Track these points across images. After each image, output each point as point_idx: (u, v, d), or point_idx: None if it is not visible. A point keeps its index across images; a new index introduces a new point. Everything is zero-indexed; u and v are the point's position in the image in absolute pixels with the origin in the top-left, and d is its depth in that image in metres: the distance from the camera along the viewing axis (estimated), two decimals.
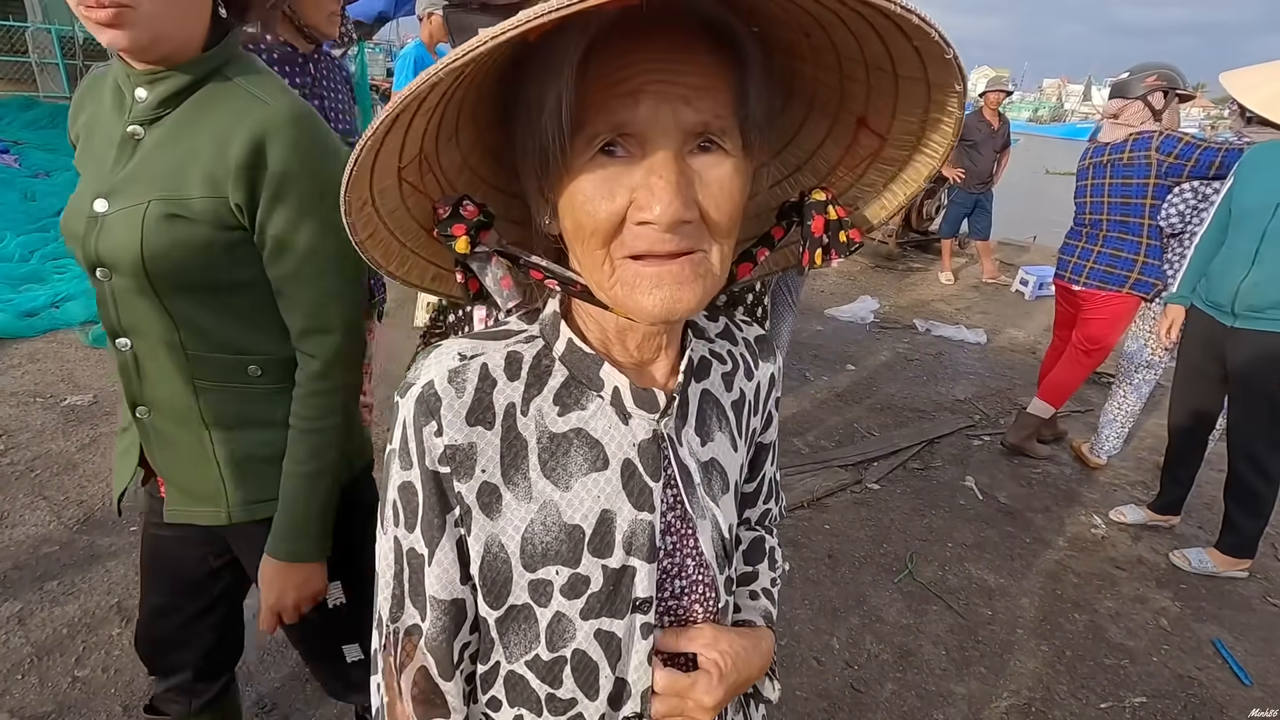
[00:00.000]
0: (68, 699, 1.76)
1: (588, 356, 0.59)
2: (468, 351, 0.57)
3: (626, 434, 0.59)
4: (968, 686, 2.06)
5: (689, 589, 0.64)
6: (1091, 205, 3.09)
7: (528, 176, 0.53)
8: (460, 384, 0.55)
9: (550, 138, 0.47)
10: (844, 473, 3.14)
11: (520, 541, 0.57)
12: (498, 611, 0.59)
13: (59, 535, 2.31)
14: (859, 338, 4.88)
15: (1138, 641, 2.29)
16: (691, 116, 0.47)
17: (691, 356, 0.63)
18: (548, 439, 0.58)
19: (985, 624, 2.31)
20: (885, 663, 2.12)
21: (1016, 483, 3.21)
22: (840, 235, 0.58)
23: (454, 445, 0.55)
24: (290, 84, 1.68)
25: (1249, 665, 2.22)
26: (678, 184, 0.46)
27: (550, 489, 0.57)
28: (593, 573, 0.58)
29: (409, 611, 0.58)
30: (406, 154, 0.49)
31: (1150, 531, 2.89)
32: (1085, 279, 3.10)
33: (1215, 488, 3.28)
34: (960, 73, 0.47)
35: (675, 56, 0.46)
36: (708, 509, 0.64)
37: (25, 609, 2.00)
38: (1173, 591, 2.55)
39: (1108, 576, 2.61)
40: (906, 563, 2.57)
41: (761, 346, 0.73)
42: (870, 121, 0.57)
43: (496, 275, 0.56)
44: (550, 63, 0.46)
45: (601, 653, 0.60)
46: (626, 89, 0.46)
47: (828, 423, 3.62)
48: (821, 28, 0.49)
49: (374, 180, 0.49)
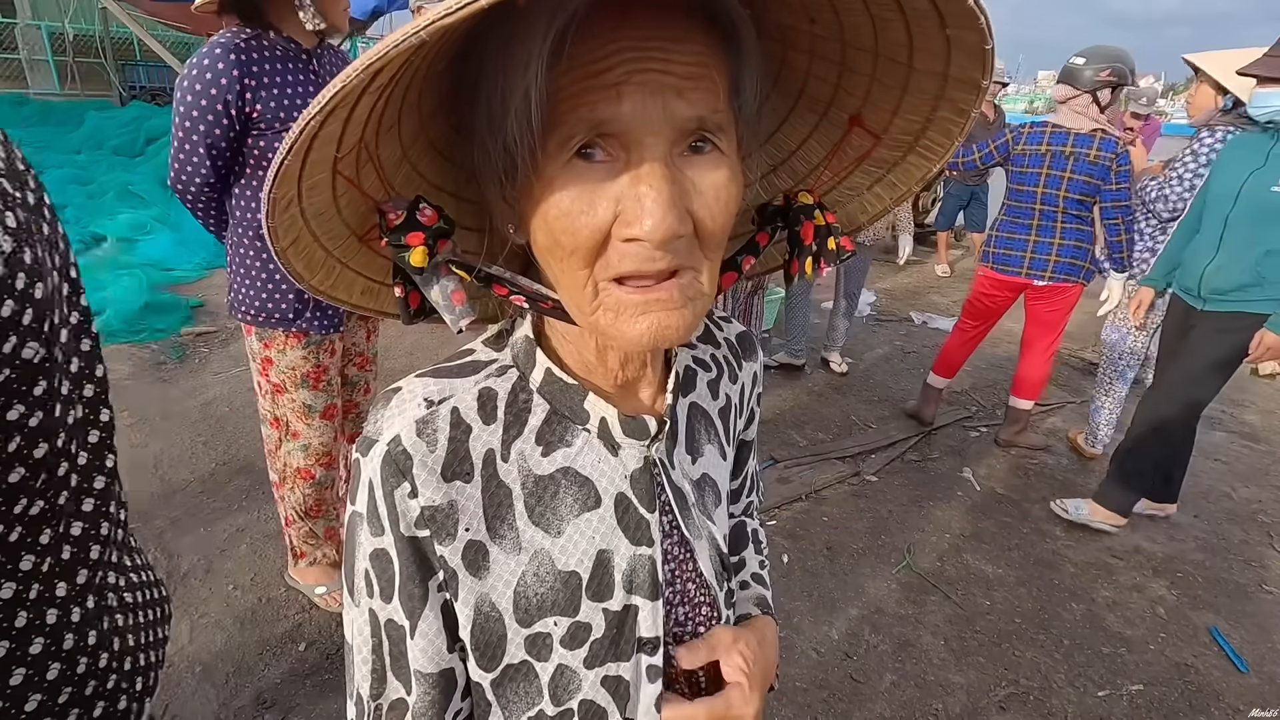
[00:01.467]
0: None
1: (569, 388, 0.53)
2: (434, 395, 0.50)
3: (617, 466, 0.54)
4: (966, 676, 2.07)
5: (692, 614, 0.61)
6: (1045, 196, 2.97)
7: (488, 181, 0.46)
8: (431, 436, 0.49)
9: (516, 139, 0.40)
10: (842, 465, 3.14)
11: (513, 597, 0.52)
12: (492, 674, 0.53)
13: None
14: (855, 330, 4.88)
15: (1135, 630, 2.31)
16: (685, 111, 0.39)
17: (678, 371, 0.58)
18: (533, 483, 0.52)
19: (983, 614, 2.32)
20: (884, 653, 2.12)
21: (1013, 473, 3.22)
22: (830, 242, 0.53)
23: (432, 506, 0.48)
24: (295, 80, 1.65)
25: (1245, 652, 2.23)
26: (670, 195, 0.39)
27: (540, 536, 0.52)
28: (594, 619, 0.54)
29: (392, 685, 0.52)
30: (345, 142, 0.41)
31: (1147, 521, 2.91)
32: (1051, 274, 3.03)
33: (1212, 476, 3.30)
34: (989, 67, 0.42)
35: (664, 40, 0.39)
36: (704, 528, 0.61)
37: None
38: (1169, 580, 2.57)
39: (1105, 566, 2.62)
40: (905, 554, 2.58)
41: (743, 345, 0.69)
42: (866, 119, 0.52)
43: (447, 289, 0.48)
44: (515, 46, 0.39)
45: (610, 698, 0.55)
46: (608, 80, 0.39)
47: (825, 415, 3.63)
48: (835, 12, 0.44)
49: (304, 174, 0.42)
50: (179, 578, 2.16)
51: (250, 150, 1.65)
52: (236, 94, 1.56)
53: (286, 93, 1.63)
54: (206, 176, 1.66)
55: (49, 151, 6.46)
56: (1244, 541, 2.84)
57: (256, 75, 1.58)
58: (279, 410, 1.90)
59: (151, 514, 2.43)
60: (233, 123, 1.59)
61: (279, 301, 1.74)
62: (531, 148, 0.40)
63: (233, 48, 1.56)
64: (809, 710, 1.91)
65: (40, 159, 6.20)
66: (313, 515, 2.03)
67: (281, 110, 1.62)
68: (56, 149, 6.61)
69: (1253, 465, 3.48)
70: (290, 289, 1.75)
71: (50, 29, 9.21)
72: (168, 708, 1.75)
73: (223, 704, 1.78)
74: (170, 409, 3.10)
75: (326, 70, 1.75)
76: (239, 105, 1.57)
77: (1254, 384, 4.71)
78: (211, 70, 1.54)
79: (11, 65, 9.19)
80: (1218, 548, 2.78)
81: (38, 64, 9.27)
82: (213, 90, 1.54)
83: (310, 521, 2.03)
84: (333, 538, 2.08)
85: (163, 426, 2.96)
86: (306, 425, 1.90)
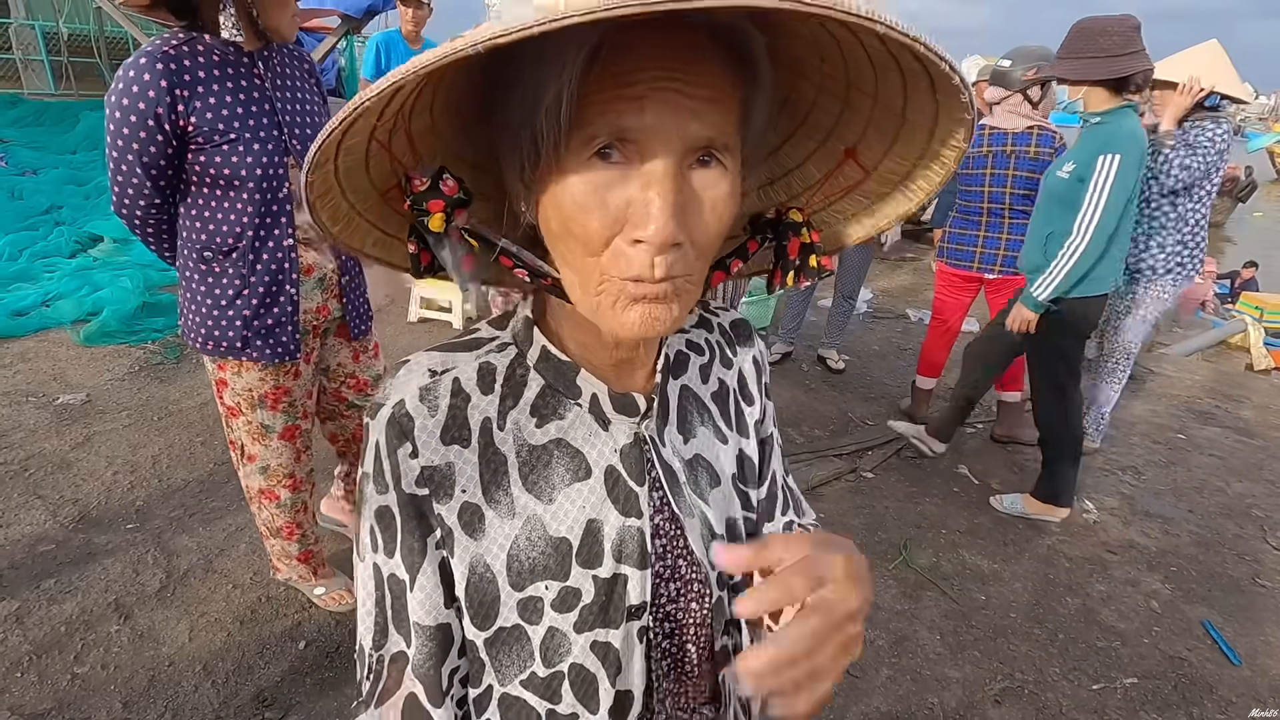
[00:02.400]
0: (67, 696, 1.76)
1: (564, 364, 0.57)
2: (437, 366, 0.55)
3: (607, 440, 0.58)
4: (962, 670, 2.08)
5: (684, 590, 0.63)
6: (992, 194, 3.11)
7: (509, 162, 0.50)
8: (433, 402, 0.54)
9: (544, 131, 0.44)
10: (839, 461, 3.16)
11: (506, 560, 0.55)
12: (486, 633, 0.57)
13: (55, 534, 2.31)
14: (852, 327, 4.89)
15: (1129, 624, 2.33)
16: (698, 130, 0.43)
17: (668, 354, 0.62)
18: (527, 452, 0.56)
19: (979, 609, 2.34)
20: (880, 648, 2.14)
21: (1009, 469, 3.24)
22: (811, 260, 0.57)
23: (431, 466, 0.53)
24: (234, 88, 1.52)
25: (1238, 645, 2.25)
26: (675, 204, 0.43)
27: (533, 503, 0.56)
28: (583, 585, 0.57)
29: (393, 639, 0.56)
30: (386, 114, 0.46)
31: (1142, 516, 2.93)
32: (1000, 267, 3.19)
33: (1206, 471, 3.32)
34: (970, 133, 0.46)
35: (688, 64, 0.43)
36: (695, 506, 0.63)
37: (23, 607, 2.00)
38: (1163, 575, 2.58)
39: (1099, 560, 2.64)
40: (901, 550, 2.59)
41: (738, 331, 0.71)
42: (859, 155, 0.56)
43: (458, 254, 0.51)
44: (553, 50, 0.42)
45: (599, 664, 0.58)
46: (634, 92, 0.42)
47: (822, 412, 3.64)
48: (842, 56, 0.48)
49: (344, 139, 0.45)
50: (179, 577, 2.17)
51: (191, 167, 1.53)
52: (168, 106, 1.43)
53: (225, 101, 1.50)
54: (151, 197, 1.54)
55: (45, 152, 6.43)
56: (1238, 536, 2.86)
57: (189, 84, 1.45)
58: (233, 434, 1.84)
59: (151, 513, 2.44)
60: (168, 138, 1.47)
61: (225, 329, 1.65)
62: (557, 141, 0.44)
63: (159, 56, 1.43)
64: None
65: (36, 159, 6.19)
66: (284, 537, 1.99)
67: (220, 122, 1.50)
68: (52, 149, 6.58)
69: (1247, 460, 3.50)
70: (236, 316, 1.64)
71: (45, 28, 9.16)
72: (168, 706, 1.76)
73: (223, 702, 1.78)
74: (168, 409, 3.10)
75: (274, 73, 1.61)
76: (171, 119, 1.45)
77: (1249, 379, 4.74)
78: (137, 82, 1.42)
79: (6, 65, 9.15)
80: (1211, 542, 2.80)
81: (32, 64, 9.23)
82: (140, 104, 1.43)
83: (283, 541, 2.00)
84: (307, 560, 2.05)
85: (161, 426, 2.97)
86: (264, 446, 1.83)
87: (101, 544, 2.27)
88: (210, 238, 1.60)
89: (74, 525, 2.36)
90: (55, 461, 2.68)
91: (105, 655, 1.88)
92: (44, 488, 2.53)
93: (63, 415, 2.99)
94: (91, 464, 2.68)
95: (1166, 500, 3.09)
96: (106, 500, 2.49)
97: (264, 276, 1.63)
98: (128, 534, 2.33)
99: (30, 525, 2.34)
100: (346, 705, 1.80)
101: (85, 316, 3.84)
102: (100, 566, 2.18)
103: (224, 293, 1.63)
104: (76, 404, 3.09)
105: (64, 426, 2.91)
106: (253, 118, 1.54)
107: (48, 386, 3.22)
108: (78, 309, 3.88)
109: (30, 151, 6.33)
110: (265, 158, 1.55)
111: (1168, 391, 4.30)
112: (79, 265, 4.53)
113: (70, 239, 4.86)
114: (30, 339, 3.66)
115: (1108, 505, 3.00)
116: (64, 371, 3.37)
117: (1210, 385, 4.47)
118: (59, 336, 3.70)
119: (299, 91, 1.67)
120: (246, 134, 1.52)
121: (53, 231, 4.96)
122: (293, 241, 1.65)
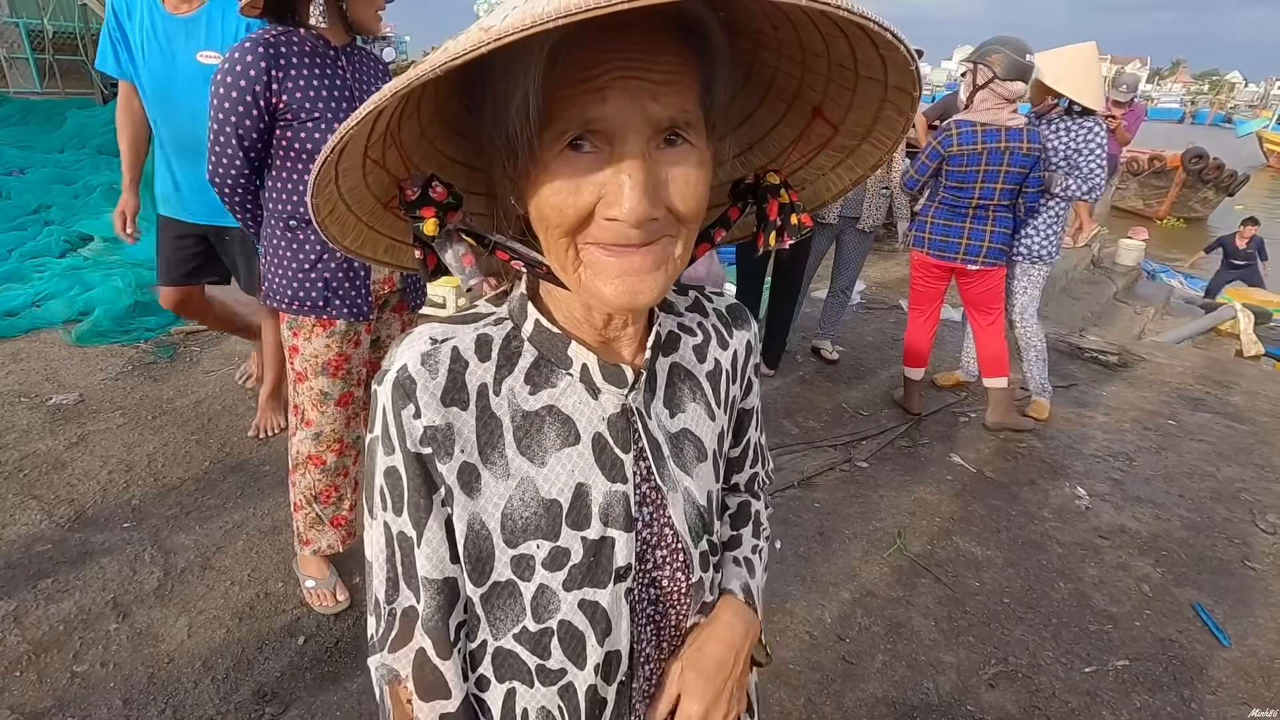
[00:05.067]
0: (67, 694, 1.76)
1: (555, 336, 0.60)
2: (438, 335, 0.58)
3: (596, 409, 0.61)
4: (957, 655, 2.11)
5: (670, 558, 0.66)
6: (983, 190, 3.16)
7: (493, 161, 0.53)
8: (433, 366, 0.57)
9: (517, 131, 0.47)
10: (833, 452, 3.18)
11: (500, 518, 0.59)
12: (482, 589, 0.60)
13: (51, 534, 2.30)
14: (845, 318, 4.91)
15: (1120, 607, 2.35)
16: (659, 112, 0.46)
17: (659, 332, 0.64)
18: (521, 417, 0.59)
19: (973, 595, 2.36)
20: (876, 635, 2.16)
21: (1002, 457, 3.26)
22: (792, 218, 0.60)
23: (432, 426, 0.56)
24: (321, 74, 1.70)
25: (1228, 627, 2.28)
26: (645, 183, 0.46)
27: (526, 465, 0.59)
28: (572, 545, 0.60)
29: (404, 594, 0.59)
30: (374, 133, 0.49)
31: (1133, 502, 2.96)
32: (984, 259, 3.26)
33: (1196, 456, 3.35)
34: (918, 81, 0.49)
35: (644, 51, 0.46)
36: (679, 481, 0.66)
37: (20, 607, 2.00)
38: (1154, 558, 2.62)
39: (1091, 546, 2.67)
40: (896, 538, 2.62)
41: (735, 315, 0.74)
42: (825, 112, 0.59)
43: (459, 253, 0.56)
44: (517, 56, 0.45)
45: (587, 623, 0.61)
46: (595, 85, 0.45)
47: (816, 403, 3.66)
48: (791, 24, 0.50)
49: (340, 161, 0.49)
50: (176, 575, 2.17)
51: (279, 141, 1.71)
52: (264, 85, 1.63)
53: (313, 84, 1.68)
54: (241, 168, 1.73)
55: (31, 151, 6.36)
56: (1227, 519, 2.90)
57: (283, 67, 1.65)
58: (298, 398, 1.95)
59: (147, 512, 2.44)
60: (261, 113, 1.66)
61: (309, 290, 1.81)
62: (529, 139, 0.47)
63: (261, 41, 1.63)
64: (803, 691, 1.94)
65: (23, 158, 6.13)
66: (321, 501, 2.05)
67: (307, 102, 1.68)
68: (39, 148, 6.51)
69: (1236, 445, 3.54)
70: (319, 278, 1.81)
71: (29, 26, 9.05)
72: (168, 703, 1.76)
73: (223, 698, 1.79)
74: (163, 408, 3.09)
75: (355, 69, 1.79)
76: (266, 96, 1.64)
77: (1239, 366, 4.79)
78: (241, 63, 1.62)
79: None
80: (1201, 526, 2.84)
81: (17, 62, 9.11)
82: (242, 82, 1.62)
83: (319, 507, 2.05)
84: (339, 525, 2.08)
85: (155, 425, 2.96)
86: (320, 413, 1.94)
87: (98, 543, 2.27)
88: (294, 208, 1.77)
89: (70, 525, 2.35)
90: (50, 461, 2.67)
91: (104, 653, 1.88)
92: (39, 488, 2.52)
93: (56, 415, 2.98)
94: (86, 464, 2.67)
95: (1157, 485, 3.12)
96: (102, 499, 2.49)
97: None
98: (124, 533, 2.33)
99: (26, 525, 2.33)
100: (347, 699, 1.81)
101: (77, 316, 3.81)
102: (97, 565, 2.18)
103: (307, 257, 1.80)
104: (70, 404, 3.07)
105: (58, 426, 2.90)
106: (335, 100, 1.72)
107: (40, 387, 3.20)
108: (69, 309, 3.85)
109: (17, 151, 6.26)
110: None
111: (1158, 378, 4.34)
112: (69, 265, 4.48)
113: (60, 239, 4.81)
114: (21, 339, 3.63)
115: (1099, 491, 3.03)
116: (56, 371, 3.35)
117: (1200, 372, 4.51)
118: (51, 336, 3.68)
119: (375, 85, 1.86)
120: (329, 114, 1.70)
121: (42, 231, 4.91)
122: None
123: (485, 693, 0.64)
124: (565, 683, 0.62)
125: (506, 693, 0.63)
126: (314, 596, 2.09)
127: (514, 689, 0.63)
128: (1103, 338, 5.05)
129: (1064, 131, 3.26)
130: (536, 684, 0.62)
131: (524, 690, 0.63)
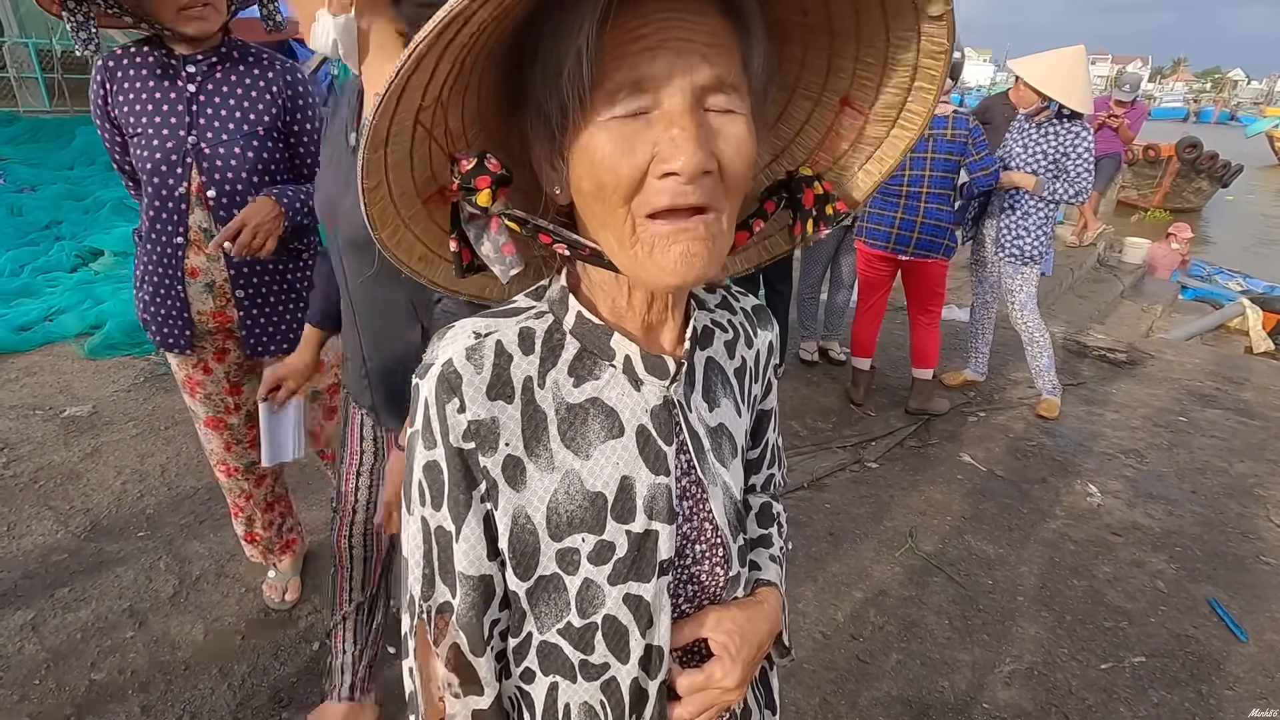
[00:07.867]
0: (86, 702, 1.78)
1: (598, 328, 0.60)
2: (482, 330, 0.58)
3: (639, 400, 0.61)
4: (971, 653, 2.10)
5: (708, 553, 0.65)
6: (911, 178, 3.18)
7: (539, 145, 0.54)
8: (478, 360, 0.56)
9: (570, 93, 0.48)
10: (843, 453, 3.17)
11: (546, 512, 0.58)
12: (527, 583, 0.60)
13: (67, 543, 2.32)
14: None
15: (1135, 604, 2.34)
16: (708, 71, 0.47)
17: (695, 325, 0.65)
18: (565, 410, 0.59)
19: (986, 593, 2.35)
20: (890, 634, 2.15)
21: (1012, 456, 3.25)
22: (827, 208, 0.61)
23: (477, 420, 0.56)
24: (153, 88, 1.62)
25: (1245, 623, 2.27)
26: (698, 135, 0.47)
27: (571, 458, 0.59)
28: (617, 538, 0.60)
29: (440, 589, 0.59)
30: (429, 93, 0.49)
31: (1145, 498, 2.94)
32: (913, 249, 3.28)
33: (1209, 452, 3.33)
34: (951, 32, 0.50)
35: (690, 14, 0.48)
36: (719, 475, 0.66)
37: (38, 616, 2.02)
38: (1168, 554, 2.60)
39: (1104, 543, 2.65)
40: (907, 537, 2.61)
41: (759, 315, 0.75)
42: (854, 100, 0.60)
43: (498, 241, 0.56)
44: (568, 17, 0.47)
45: (631, 617, 0.61)
46: (645, 44, 0.47)
47: (825, 404, 3.66)
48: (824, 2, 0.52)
49: (395, 114, 0.48)
50: (191, 582, 2.18)
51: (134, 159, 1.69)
52: (102, 100, 1.66)
53: (143, 98, 1.63)
54: (125, 178, 1.80)
55: (42, 168, 6.44)
56: (1241, 515, 2.88)
57: (117, 81, 1.64)
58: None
59: (161, 521, 2.45)
60: (113, 130, 1.69)
61: (137, 306, 1.81)
62: (582, 100, 0.48)
63: (104, 59, 1.65)
64: (818, 691, 1.94)
65: (33, 176, 6.20)
66: (233, 515, 2.12)
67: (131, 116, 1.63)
68: (49, 165, 6.59)
69: (1248, 440, 3.52)
70: (142, 296, 1.77)
71: (38, 46, 9.17)
72: (186, 708, 1.77)
73: (240, 703, 1.80)
74: (174, 418, 3.11)
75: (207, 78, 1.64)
76: (107, 111, 1.67)
77: (1249, 361, 4.76)
78: (92, 81, 1.67)
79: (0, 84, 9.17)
80: (1215, 522, 2.82)
81: (26, 81, 9.23)
82: (94, 99, 1.67)
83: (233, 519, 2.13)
84: (252, 542, 2.14)
85: (168, 435, 2.98)
86: (198, 429, 1.97)
87: (114, 552, 2.29)
88: (139, 221, 1.76)
89: (86, 534, 2.37)
90: (65, 473, 2.70)
91: (122, 661, 1.90)
92: (54, 498, 2.54)
93: (70, 427, 3.01)
94: (101, 474, 2.70)
95: (1170, 482, 3.10)
96: (117, 509, 2.51)
97: (157, 268, 1.72)
98: (139, 542, 2.34)
99: (42, 535, 2.35)
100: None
101: (88, 330, 3.85)
102: (113, 574, 2.19)
103: (137, 273, 1.78)
104: (83, 415, 3.10)
105: (72, 438, 2.93)
106: (160, 115, 1.63)
107: (54, 399, 3.24)
108: (81, 322, 3.89)
109: (27, 168, 6.34)
110: (160, 154, 1.62)
111: (1168, 375, 4.32)
112: (80, 279, 4.53)
113: (70, 253, 4.86)
114: (35, 353, 3.67)
115: (1111, 489, 3.02)
116: (69, 384, 3.38)
117: (1210, 368, 4.48)
118: (63, 350, 3.71)
119: (232, 99, 1.66)
120: (150, 130, 1.63)
121: (53, 247, 4.96)
122: (182, 240, 1.69)
123: (531, 684, 0.64)
124: (609, 677, 0.62)
125: (549, 687, 0.63)
126: (269, 588, 2.15)
127: (556, 683, 0.63)
128: (1110, 335, 5.03)
129: (1052, 135, 3.29)
130: (579, 679, 0.62)
131: (566, 685, 0.62)
